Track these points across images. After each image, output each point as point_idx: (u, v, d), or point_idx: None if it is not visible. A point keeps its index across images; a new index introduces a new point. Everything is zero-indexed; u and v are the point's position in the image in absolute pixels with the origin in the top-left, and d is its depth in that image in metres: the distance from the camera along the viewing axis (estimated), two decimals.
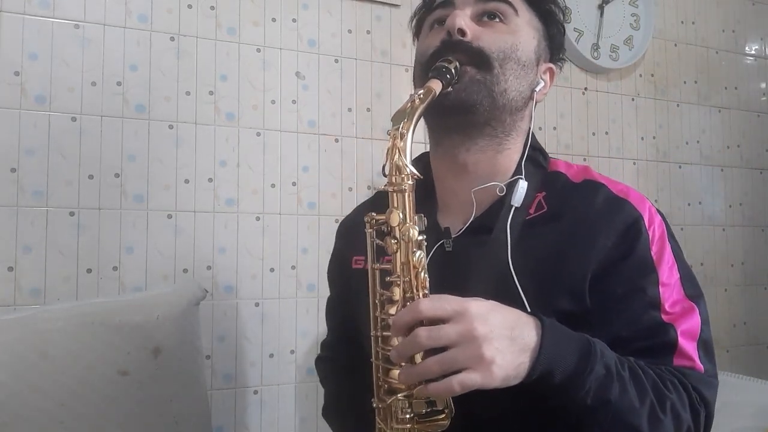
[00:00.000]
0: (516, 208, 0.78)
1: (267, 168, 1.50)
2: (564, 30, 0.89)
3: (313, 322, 1.52)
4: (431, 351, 0.61)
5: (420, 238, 0.68)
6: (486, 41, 0.79)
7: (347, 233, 0.97)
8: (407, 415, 0.66)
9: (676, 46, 2.03)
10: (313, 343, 1.52)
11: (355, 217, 0.96)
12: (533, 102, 0.85)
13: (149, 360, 1.15)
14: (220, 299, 1.44)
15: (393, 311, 0.67)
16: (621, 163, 1.92)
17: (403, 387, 0.66)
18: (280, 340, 1.49)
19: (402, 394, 0.66)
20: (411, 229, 0.67)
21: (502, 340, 0.60)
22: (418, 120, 0.70)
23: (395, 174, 0.69)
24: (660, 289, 0.73)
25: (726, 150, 2.08)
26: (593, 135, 1.89)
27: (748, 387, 1.51)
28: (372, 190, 1.59)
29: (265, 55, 1.52)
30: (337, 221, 1.68)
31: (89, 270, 1.34)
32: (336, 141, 1.58)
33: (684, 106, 2.03)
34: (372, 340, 0.70)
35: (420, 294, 0.66)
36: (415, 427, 0.66)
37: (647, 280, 0.74)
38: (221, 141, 1.46)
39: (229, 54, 1.49)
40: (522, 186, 0.79)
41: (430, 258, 0.78)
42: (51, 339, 1.09)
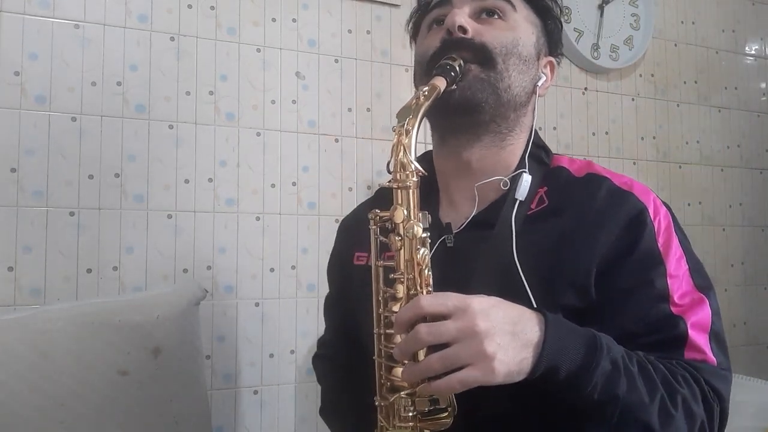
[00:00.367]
0: (519, 202, 0.78)
1: (267, 168, 1.50)
2: (561, 24, 0.89)
3: (313, 322, 1.52)
4: (434, 348, 0.60)
5: (424, 235, 0.68)
6: (488, 37, 0.78)
7: (348, 230, 0.97)
8: (410, 413, 0.65)
9: (676, 46, 2.03)
10: (313, 343, 1.52)
11: (357, 215, 0.96)
12: (536, 97, 0.84)
13: (149, 360, 1.15)
14: (220, 299, 1.44)
15: (396, 308, 0.66)
16: (621, 163, 1.91)
17: (406, 385, 0.65)
18: (280, 340, 1.49)
19: (405, 392, 0.65)
20: (415, 226, 0.67)
21: (504, 335, 0.59)
22: (423, 116, 0.70)
23: (400, 171, 0.68)
24: (668, 281, 0.72)
25: (726, 150, 2.08)
26: (593, 135, 1.89)
27: (748, 387, 1.51)
28: (372, 190, 1.59)
29: (265, 55, 1.52)
30: (337, 221, 1.67)
31: (89, 270, 1.34)
32: (336, 141, 1.58)
33: (684, 106, 2.03)
34: (375, 337, 0.70)
35: (423, 291, 0.66)
36: (418, 426, 0.65)
37: (655, 272, 0.72)
38: (221, 141, 1.46)
39: (229, 54, 1.48)
40: (526, 179, 0.79)
41: (432, 254, 0.78)
42: (51, 339, 1.09)
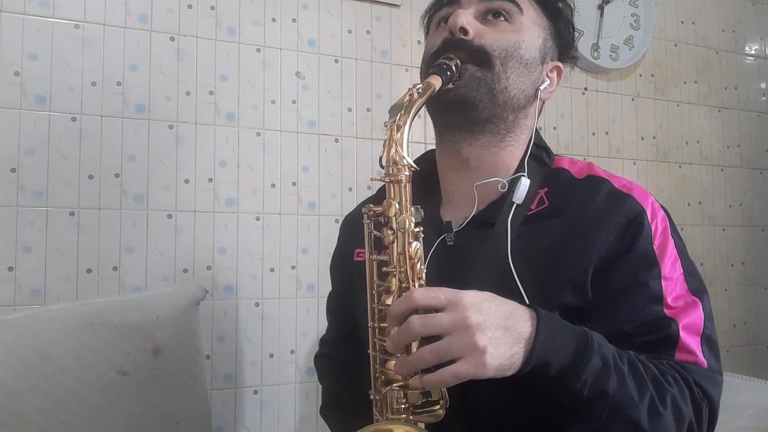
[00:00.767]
0: (517, 204, 0.78)
1: (267, 168, 1.50)
2: (573, 28, 0.89)
3: (313, 322, 1.52)
4: (426, 341, 0.61)
5: (417, 229, 0.68)
6: (488, 40, 0.79)
7: (350, 227, 0.98)
8: (402, 406, 0.66)
9: (676, 46, 2.03)
10: (313, 343, 1.52)
11: (358, 212, 0.97)
12: (538, 100, 0.84)
13: (149, 360, 1.15)
14: (220, 299, 1.44)
15: (390, 302, 0.67)
16: (621, 163, 1.91)
17: (399, 378, 0.66)
18: (280, 340, 1.49)
19: (397, 384, 0.66)
20: (407, 220, 0.67)
21: (495, 329, 0.60)
22: (416, 113, 0.71)
23: (392, 165, 0.69)
24: (663, 283, 0.72)
25: (726, 150, 2.08)
26: (593, 135, 1.89)
27: (747, 387, 1.51)
28: (372, 190, 1.59)
29: (265, 55, 1.52)
30: (337, 221, 1.67)
31: (89, 270, 1.34)
32: (336, 141, 1.58)
33: (684, 106, 2.03)
34: (369, 330, 0.70)
35: (416, 284, 0.67)
36: (411, 418, 0.66)
37: (650, 273, 0.73)
38: (221, 141, 1.47)
39: (229, 54, 1.49)
40: (524, 183, 0.79)
41: (432, 252, 0.79)
42: (51, 339, 1.09)
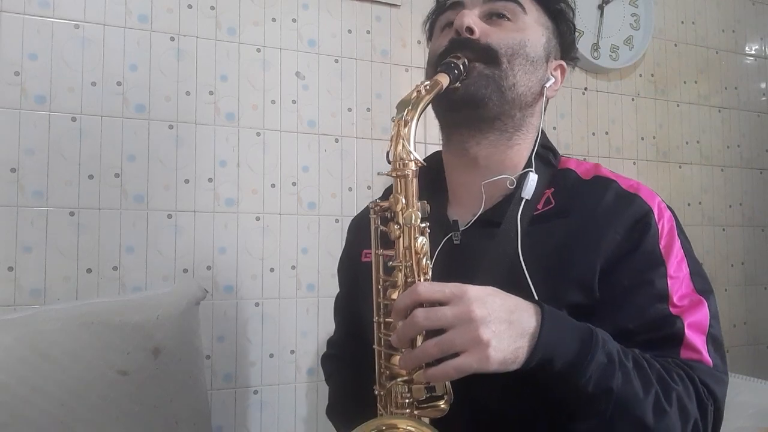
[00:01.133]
0: (526, 201, 0.79)
1: (267, 168, 1.50)
2: (574, 28, 0.90)
3: (313, 322, 1.52)
4: (431, 335, 0.61)
5: (423, 224, 0.68)
6: (494, 38, 0.80)
7: (358, 228, 0.98)
8: (407, 401, 0.66)
9: (676, 46, 2.03)
10: (313, 343, 1.52)
11: (366, 213, 0.97)
12: (543, 98, 0.85)
13: (149, 360, 1.15)
14: (220, 299, 1.44)
15: (395, 296, 0.67)
16: (621, 163, 1.91)
17: (404, 373, 0.66)
18: (280, 340, 1.49)
19: (401, 379, 0.66)
20: (413, 214, 0.67)
21: (500, 323, 0.60)
22: (423, 109, 0.71)
23: (398, 160, 0.69)
24: (668, 282, 0.73)
25: (726, 150, 2.08)
26: (593, 135, 1.89)
27: (747, 387, 1.51)
28: (372, 189, 1.59)
29: (265, 55, 1.52)
30: (337, 221, 1.67)
31: (89, 270, 1.34)
32: (336, 141, 1.58)
33: (684, 106, 2.03)
34: (375, 326, 0.70)
35: (421, 279, 0.67)
36: (415, 413, 0.66)
37: (655, 272, 0.73)
38: (221, 141, 1.46)
39: (229, 54, 1.49)
40: (532, 178, 0.79)
41: (438, 251, 0.79)
42: (51, 339, 1.09)
